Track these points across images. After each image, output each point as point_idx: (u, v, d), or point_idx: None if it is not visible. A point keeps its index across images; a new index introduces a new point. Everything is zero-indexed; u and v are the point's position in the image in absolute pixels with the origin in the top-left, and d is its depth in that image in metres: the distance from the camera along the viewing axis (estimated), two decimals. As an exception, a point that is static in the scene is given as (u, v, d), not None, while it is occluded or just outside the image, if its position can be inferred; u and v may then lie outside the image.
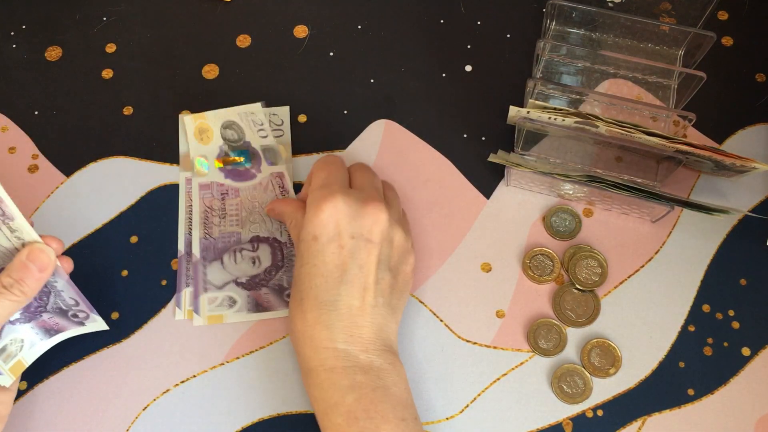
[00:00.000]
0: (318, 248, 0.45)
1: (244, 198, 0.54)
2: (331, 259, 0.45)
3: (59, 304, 0.47)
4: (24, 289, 0.43)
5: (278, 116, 0.57)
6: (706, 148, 0.48)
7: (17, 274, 0.43)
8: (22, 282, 0.43)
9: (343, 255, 0.45)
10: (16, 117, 0.58)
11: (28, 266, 0.43)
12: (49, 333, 0.48)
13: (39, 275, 0.44)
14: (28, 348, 0.47)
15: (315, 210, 0.46)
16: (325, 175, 0.48)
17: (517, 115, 0.50)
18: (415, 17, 0.61)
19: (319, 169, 0.49)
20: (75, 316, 0.48)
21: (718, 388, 0.49)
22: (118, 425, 0.49)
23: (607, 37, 0.58)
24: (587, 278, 0.52)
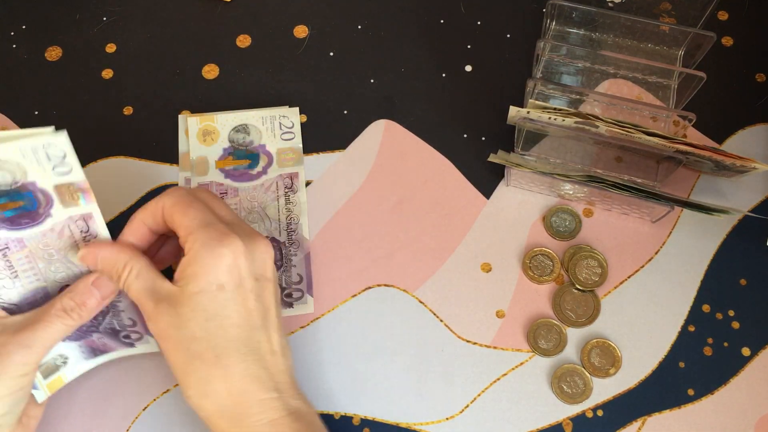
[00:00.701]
0: (226, 297, 0.41)
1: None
2: (243, 305, 0.41)
3: (113, 325, 0.46)
4: (83, 314, 0.43)
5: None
6: (706, 148, 0.48)
7: (80, 298, 0.43)
8: (82, 307, 0.43)
9: (251, 300, 0.42)
10: (16, 117, 0.58)
11: (93, 292, 0.43)
12: (94, 353, 0.47)
13: (101, 302, 0.43)
14: (71, 366, 0.47)
15: (214, 256, 0.40)
16: (200, 213, 0.42)
17: (517, 115, 0.50)
18: (415, 17, 0.61)
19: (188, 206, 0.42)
20: (127, 337, 0.47)
21: (718, 388, 0.49)
22: (118, 425, 0.49)
23: (607, 37, 0.58)
24: (587, 278, 0.52)
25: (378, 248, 0.53)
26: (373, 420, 0.49)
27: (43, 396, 0.45)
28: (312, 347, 0.51)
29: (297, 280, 0.52)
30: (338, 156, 0.56)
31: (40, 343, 0.42)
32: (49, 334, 0.42)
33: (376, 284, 0.53)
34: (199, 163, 0.55)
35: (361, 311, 0.52)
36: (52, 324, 0.42)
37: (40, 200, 0.41)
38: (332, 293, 0.52)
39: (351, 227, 0.54)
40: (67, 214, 0.42)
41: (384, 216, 0.54)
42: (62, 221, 0.42)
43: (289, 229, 0.54)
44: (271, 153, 0.55)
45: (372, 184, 0.55)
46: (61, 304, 0.42)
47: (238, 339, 0.41)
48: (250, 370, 0.41)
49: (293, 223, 0.54)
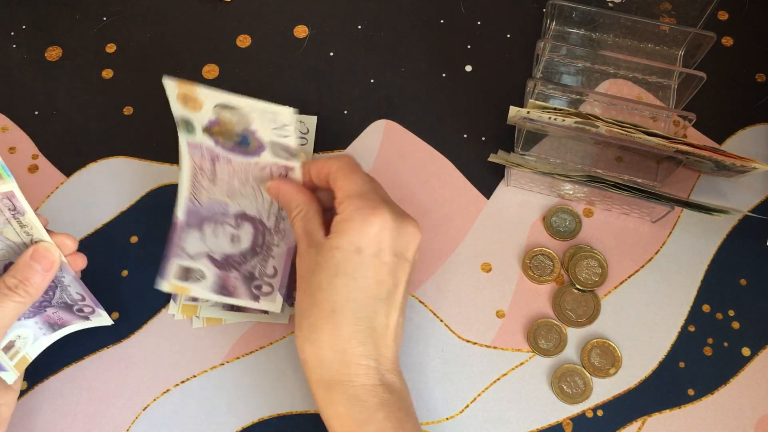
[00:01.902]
0: (361, 261, 0.43)
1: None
2: (373, 274, 0.43)
3: (65, 299, 0.47)
4: (29, 290, 0.43)
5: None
6: (706, 148, 0.48)
7: (22, 274, 0.43)
8: (26, 282, 0.43)
9: (383, 272, 0.43)
10: (16, 117, 0.58)
11: (32, 266, 0.43)
12: (53, 327, 0.48)
13: (44, 275, 0.44)
14: (31, 343, 0.47)
15: (363, 221, 0.43)
16: (362, 182, 0.45)
17: (517, 115, 0.50)
18: (415, 17, 0.61)
19: (353, 172, 0.46)
20: (80, 311, 0.48)
21: (718, 388, 0.49)
22: (118, 425, 0.49)
23: (607, 37, 0.58)
24: (587, 278, 0.52)
25: (378, 248, 0.53)
26: (373, 420, 0.49)
27: (12, 377, 0.45)
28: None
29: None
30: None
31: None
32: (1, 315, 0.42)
33: (376, 284, 0.52)
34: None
35: (361, 311, 0.52)
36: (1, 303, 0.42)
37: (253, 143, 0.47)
38: (332, 293, 0.52)
39: (351, 227, 0.54)
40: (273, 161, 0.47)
41: (384, 216, 0.54)
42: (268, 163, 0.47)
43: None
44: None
45: (372, 184, 0.55)
46: (4, 282, 0.43)
47: (356, 302, 0.43)
48: (357, 334, 0.42)
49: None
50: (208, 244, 0.49)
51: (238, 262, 0.49)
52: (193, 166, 0.49)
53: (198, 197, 0.49)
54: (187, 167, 0.49)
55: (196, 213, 0.49)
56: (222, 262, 0.49)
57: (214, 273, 0.49)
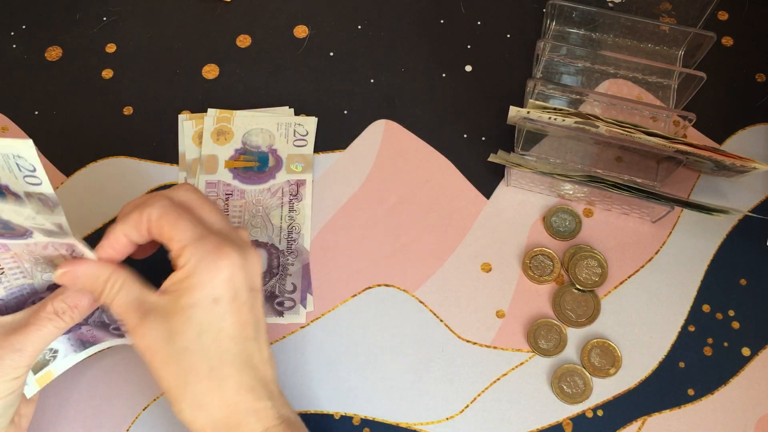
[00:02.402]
0: (221, 311, 0.40)
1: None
2: (236, 318, 0.40)
3: (103, 318, 0.46)
4: (75, 316, 0.42)
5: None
6: (706, 148, 0.48)
7: (72, 300, 0.42)
8: (75, 309, 0.42)
9: (245, 312, 0.41)
10: (16, 117, 0.58)
11: (85, 294, 0.42)
12: (84, 345, 0.47)
13: (94, 304, 0.43)
14: (60, 359, 0.46)
15: (210, 270, 0.40)
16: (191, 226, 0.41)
17: (517, 115, 0.50)
18: (415, 17, 0.61)
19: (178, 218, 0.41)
20: (117, 329, 0.47)
21: (718, 388, 0.49)
22: (118, 425, 0.49)
23: (607, 37, 0.58)
24: (587, 278, 0.52)
25: (378, 248, 0.53)
26: (373, 420, 0.49)
27: (32, 391, 0.45)
28: (312, 347, 0.51)
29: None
30: (338, 156, 0.56)
31: (31, 346, 0.41)
32: (40, 337, 0.41)
33: (376, 284, 0.53)
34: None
35: (361, 311, 0.52)
36: (43, 327, 0.41)
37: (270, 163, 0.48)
38: (332, 293, 0.52)
39: (351, 227, 0.54)
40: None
41: (384, 216, 0.54)
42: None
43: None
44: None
45: (372, 184, 0.55)
46: (53, 306, 0.42)
47: (231, 351, 0.40)
48: (244, 381, 0.40)
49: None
50: None
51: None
52: None
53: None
54: None
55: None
56: None
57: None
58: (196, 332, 0.40)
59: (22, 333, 0.41)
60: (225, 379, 0.40)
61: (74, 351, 0.47)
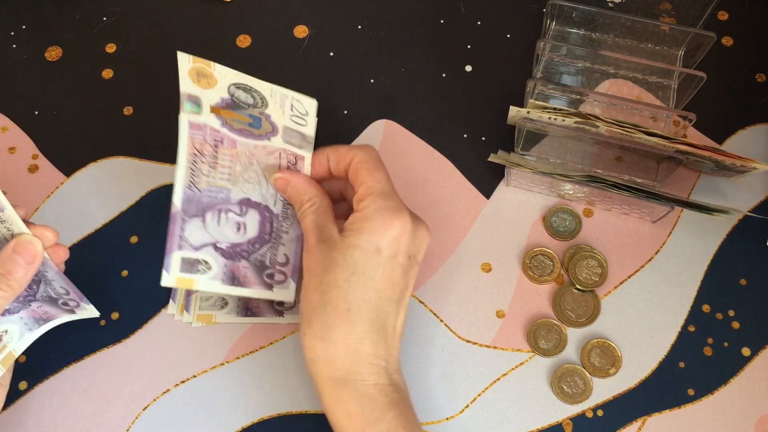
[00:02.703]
0: (379, 262, 0.43)
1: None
2: (389, 275, 0.43)
3: (49, 293, 0.46)
4: (11, 283, 0.43)
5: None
6: (706, 148, 0.48)
7: (4, 267, 0.43)
8: (9, 275, 0.42)
9: (397, 274, 0.43)
10: (16, 117, 0.58)
11: (14, 259, 0.43)
12: (38, 322, 0.47)
13: (27, 268, 0.43)
14: (17, 338, 0.46)
15: (384, 222, 0.43)
16: (384, 180, 0.45)
17: (517, 115, 0.50)
18: (415, 17, 0.61)
19: (377, 169, 0.45)
20: (65, 305, 0.47)
21: (718, 388, 0.49)
22: (118, 425, 0.49)
23: (607, 37, 0.58)
24: (587, 278, 0.52)
25: (378, 248, 0.53)
26: (373, 420, 0.49)
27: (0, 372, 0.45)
28: (312, 347, 0.51)
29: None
30: (338, 156, 0.56)
31: None
32: None
33: (376, 284, 0.52)
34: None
35: (361, 311, 0.52)
36: None
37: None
38: (332, 293, 0.52)
39: (351, 227, 0.54)
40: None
41: (384, 216, 0.54)
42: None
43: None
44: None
45: (372, 184, 0.55)
46: None
47: (372, 302, 0.43)
48: (371, 334, 0.42)
49: None
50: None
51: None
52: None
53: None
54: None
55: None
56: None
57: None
58: (350, 271, 0.42)
59: None
60: (355, 324, 0.42)
61: (29, 329, 0.47)
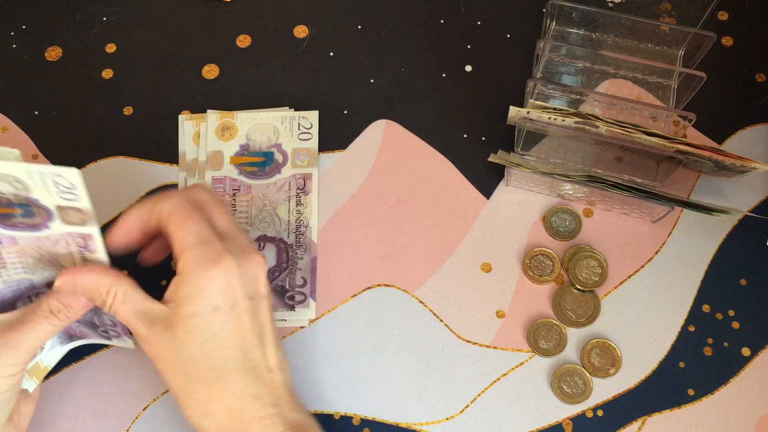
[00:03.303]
0: (222, 319, 0.40)
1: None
2: (237, 326, 0.41)
3: (94, 320, 0.46)
4: (70, 315, 0.42)
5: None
6: (706, 148, 0.48)
7: (67, 300, 0.42)
8: (69, 309, 0.42)
9: (247, 320, 0.41)
10: (16, 117, 0.58)
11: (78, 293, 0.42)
12: (70, 338, 0.48)
13: (88, 304, 0.43)
14: (47, 350, 0.46)
15: (207, 278, 0.40)
16: (196, 228, 0.41)
17: (517, 115, 0.50)
18: (415, 17, 0.61)
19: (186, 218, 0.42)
20: (105, 332, 0.47)
21: (718, 388, 0.49)
22: (118, 425, 0.49)
23: (607, 37, 0.58)
24: (587, 278, 0.52)
25: (378, 248, 0.53)
26: (373, 420, 0.49)
27: (32, 385, 0.45)
28: (312, 347, 0.51)
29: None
30: (338, 156, 0.56)
31: (27, 343, 0.41)
32: (36, 335, 0.42)
33: (376, 284, 0.53)
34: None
35: (361, 311, 0.52)
36: (39, 325, 0.42)
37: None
38: (332, 293, 0.52)
39: (351, 227, 0.54)
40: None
41: (384, 216, 0.54)
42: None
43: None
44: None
45: (372, 184, 0.55)
46: (48, 305, 0.42)
47: (235, 359, 0.41)
48: (248, 388, 0.41)
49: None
50: None
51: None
52: None
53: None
54: None
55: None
56: None
57: None
58: (199, 342, 0.40)
59: (18, 330, 0.41)
60: (229, 387, 0.40)
61: (60, 343, 0.47)
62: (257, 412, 0.41)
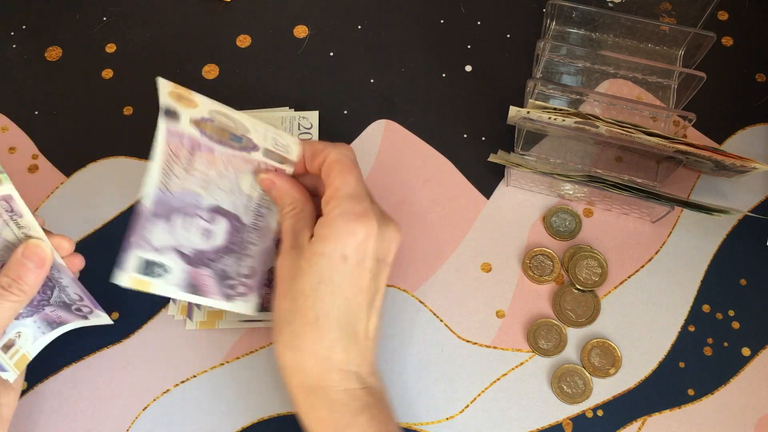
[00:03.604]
0: (345, 269, 0.42)
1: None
2: (357, 282, 0.43)
3: (63, 299, 0.47)
4: (23, 288, 0.43)
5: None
6: (706, 148, 0.48)
7: (15, 272, 0.42)
8: (20, 280, 0.42)
9: (367, 279, 0.43)
10: (16, 117, 0.58)
11: (24, 263, 0.43)
12: (51, 326, 0.48)
13: (37, 272, 0.43)
14: (31, 341, 0.47)
15: (348, 228, 0.42)
16: (354, 182, 0.44)
17: (517, 115, 0.50)
18: (415, 17, 0.61)
19: (349, 170, 0.44)
20: (78, 311, 0.47)
21: (718, 388, 0.49)
22: (118, 425, 0.49)
23: (607, 37, 0.58)
24: (587, 278, 0.52)
25: (378, 248, 0.53)
26: (373, 420, 0.49)
27: (13, 375, 0.45)
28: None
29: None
30: (338, 156, 0.56)
31: None
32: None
33: (376, 284, 0.52)
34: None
35: (361, 311, 0.52)
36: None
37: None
38: (332, 293, 0.52)
39: (351, 227, 0.54)
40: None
41: (384, 216, 0.54)
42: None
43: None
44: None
45: (372, 184, 0.55)
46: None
47: (341, 310, 0.42)
48: (341, 342, 0.42)
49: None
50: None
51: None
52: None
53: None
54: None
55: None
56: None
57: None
58: (317, 280, 0.42)
59: None
60: (324, 333, 0.42)
61: (42, 333, 0.47)
62: (340, 365, 0.42)
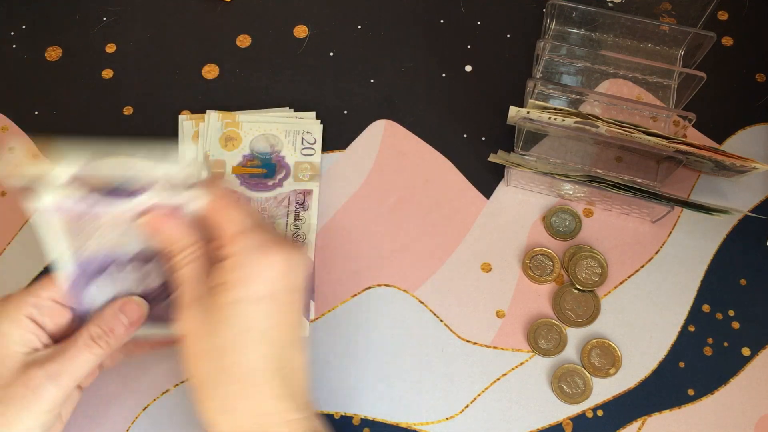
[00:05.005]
0: (267, 310, 0.38)
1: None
2: (278, 320, 0.39)
3: None
4: (111, 342, 0.41)
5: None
6: (706, 148, 0.48)
7: (107, 324, 0.41)
8: (111, 334, 0.41)
9: (285, 313, 0.39)
10: (16, 117, 0.58)
11: (119, 318, 0.41)
12: None
13: (129, 329, 0.42)
14: None
15: (260, 266, 0.38)
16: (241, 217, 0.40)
17: (517, 115, 0.50)
18: (415, 17, 0.61)
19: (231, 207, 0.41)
20: None
21: (718, 388, 0.49)
22: (118, 425, 0.49)
23: (607, 37, 0.58)
24: (587, 278, 0.52)
25: (378, 248, 0.53)
26: (373, 420, 0.49)
27: None
28: (312, 347, 0.51)
29: None
30: (338, 156, 0.56)
31: (67, 375, 0.40)
32: (76, 366, 0.40)
33: (376, 284, 0.53)
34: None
35: (361, 311, 0.52)
36: (80, 354, 0.40)
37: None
38: (332, 293, 0.52)
39: (351, 227, 0.54)
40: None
41: (384, 216, 0.54)
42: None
43: None
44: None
45: (372, 184, 0.55)
46: (89, 332, 0.41)
47: (271, 356, 0.38)
48: (278, 390, 0.38)
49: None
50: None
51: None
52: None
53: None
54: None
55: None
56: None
57: None
58: (237, 331, 0.38)
59: (59, 362, 0.40)
60: (259, 386, 0.38)
61: None
62: (285, 415, 0.38)
